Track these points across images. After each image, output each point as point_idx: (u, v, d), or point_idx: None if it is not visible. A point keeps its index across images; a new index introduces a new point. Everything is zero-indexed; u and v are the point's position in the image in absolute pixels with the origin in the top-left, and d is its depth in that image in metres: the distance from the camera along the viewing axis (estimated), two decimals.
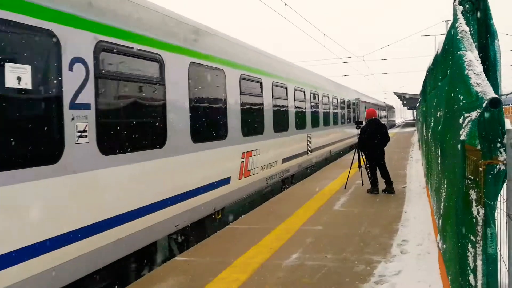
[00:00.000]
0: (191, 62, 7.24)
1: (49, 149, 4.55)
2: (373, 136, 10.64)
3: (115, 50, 5.51)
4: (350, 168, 12.16)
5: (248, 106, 9.74)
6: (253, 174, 9.87)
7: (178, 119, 6.78)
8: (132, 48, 5.81)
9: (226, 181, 8.52)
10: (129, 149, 5.68)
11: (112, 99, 5.63)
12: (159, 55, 6.38)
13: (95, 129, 5.09)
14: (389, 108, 68.13)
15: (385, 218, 8.12)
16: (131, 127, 5.84)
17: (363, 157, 11.13)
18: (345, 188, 11.35)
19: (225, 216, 8.58)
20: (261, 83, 10.62)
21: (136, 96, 5.97)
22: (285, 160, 12.21)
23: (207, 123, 7.87)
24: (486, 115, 2.58)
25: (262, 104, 10.69)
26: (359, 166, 11.65)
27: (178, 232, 6.97)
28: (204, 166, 7.66)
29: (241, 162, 9.22)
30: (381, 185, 10.73)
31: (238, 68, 9.19)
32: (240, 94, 9.25)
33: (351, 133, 24.14)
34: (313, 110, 15.70)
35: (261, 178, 10.38)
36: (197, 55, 7.48)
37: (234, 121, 8.87)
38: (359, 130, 11.26)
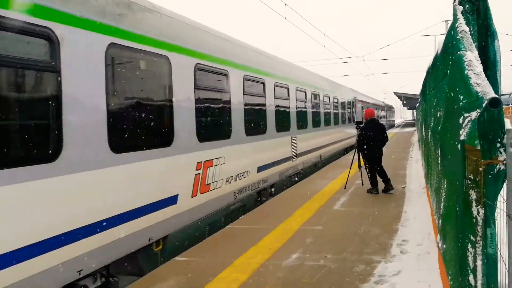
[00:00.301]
0: (112, 43, 5.49)
1: None
2: (371, 136, 10.66)
3: None
4: (350, 168, 12.16)
5: (206, 105, 7.86)
6: (215, 188, 7.98)
7: (84, 120, 5.03)
8: None
9: (171, 200, 6.67)
10: None
11: None
12: (49, 29, 4.60)
13: None
14: (389, 108, 65.99)
15: (385, 218, 8.12)
16: None
17: (362, 157, 11.14)
18: (345, 188, 11.35)
19: (168, 248, 6.66)
20: (227, 76, 8.75)
21: None
22: (261, 169, 10.33)
23: (140, 125, 6.01)
24: (486, 115, 2.58)
25: (229, 102, 8.74)
26: (359, 166, 11.65)
27: (91, 276, 5.32)
28: (133, 184, 5.82)
29: (197, 174, 7.39)
30: (381, 185, 10.73)
31: (192, 56, 7.42)
32: (195, 89, 7.42)
33: (346, 134, 22.73)
34: (299, 110, 13.78)
35: (226, 193, 8.46)
36: (124, 35, 5.74)
37: (184, 123, 7.02)
38: (358, 130, 11.29)
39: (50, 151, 4.60)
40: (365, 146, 10.79)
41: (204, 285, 5.24)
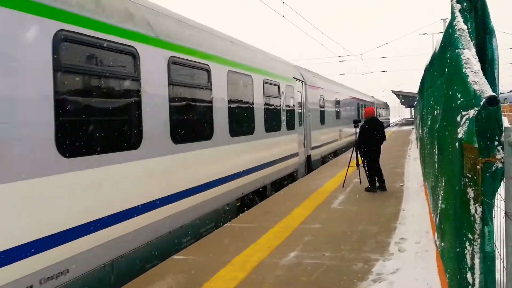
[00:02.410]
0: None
1: None
2: (372, 135, 10.70)
3: None
4: (348, 167, 12.17)
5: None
6: None
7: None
8: None
9: None
10: None
11: None
12: None
13: None
14: (381, 105, 53.92)
15: (383, 216, 8.13)
16: None
17: (360, 155, 11.18)
18: (343, 187, 11.36)
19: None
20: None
21: None
22: None
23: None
24: (484, 113, 2.58)
25: None
26: (357, 165, 11.67)
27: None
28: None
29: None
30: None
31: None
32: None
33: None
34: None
35: None
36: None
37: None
38: (357, 128, 11.35)
39: None
40: (365, 145, 10.82)
41: (203, 284, 5.24)
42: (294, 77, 14.05)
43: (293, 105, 13.61)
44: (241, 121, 9.62)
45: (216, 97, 8.26)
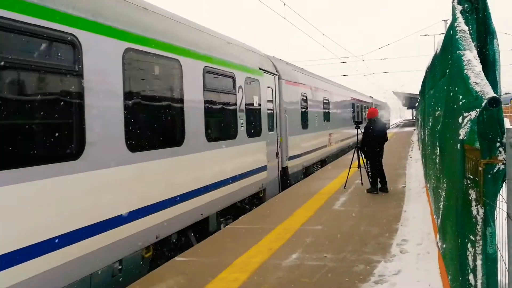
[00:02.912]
0: None
1: None
2: (375, 135, 10.72)
3: None
4: (350, 168, 12.16)
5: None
6: None
7: None
8: None
9: None
10: None
11: None
12: None
13: None
14: (381, 106, 48.82)
15: (385, 218, 8.12)
16: None
17: (362, 156, 11.19)
18: (344, 188, 11.35)
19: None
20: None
21: None
22: None
23: None
24: (485, 114, 2.58)
25: None
26: (359, 166, 11.66)
27: None
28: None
29: None
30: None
31: None
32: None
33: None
34: None
35: None
36: None
37: None
38: (359, 129, 11.39)
39: None
40: (368, 145, 10.84)
41: (204, 285, 5.24)
42: (261, 68, 10.78)
43: (259, 105, 10.47)
44: (157, 127, 6.43)
45: (93, 88, 5.12)
